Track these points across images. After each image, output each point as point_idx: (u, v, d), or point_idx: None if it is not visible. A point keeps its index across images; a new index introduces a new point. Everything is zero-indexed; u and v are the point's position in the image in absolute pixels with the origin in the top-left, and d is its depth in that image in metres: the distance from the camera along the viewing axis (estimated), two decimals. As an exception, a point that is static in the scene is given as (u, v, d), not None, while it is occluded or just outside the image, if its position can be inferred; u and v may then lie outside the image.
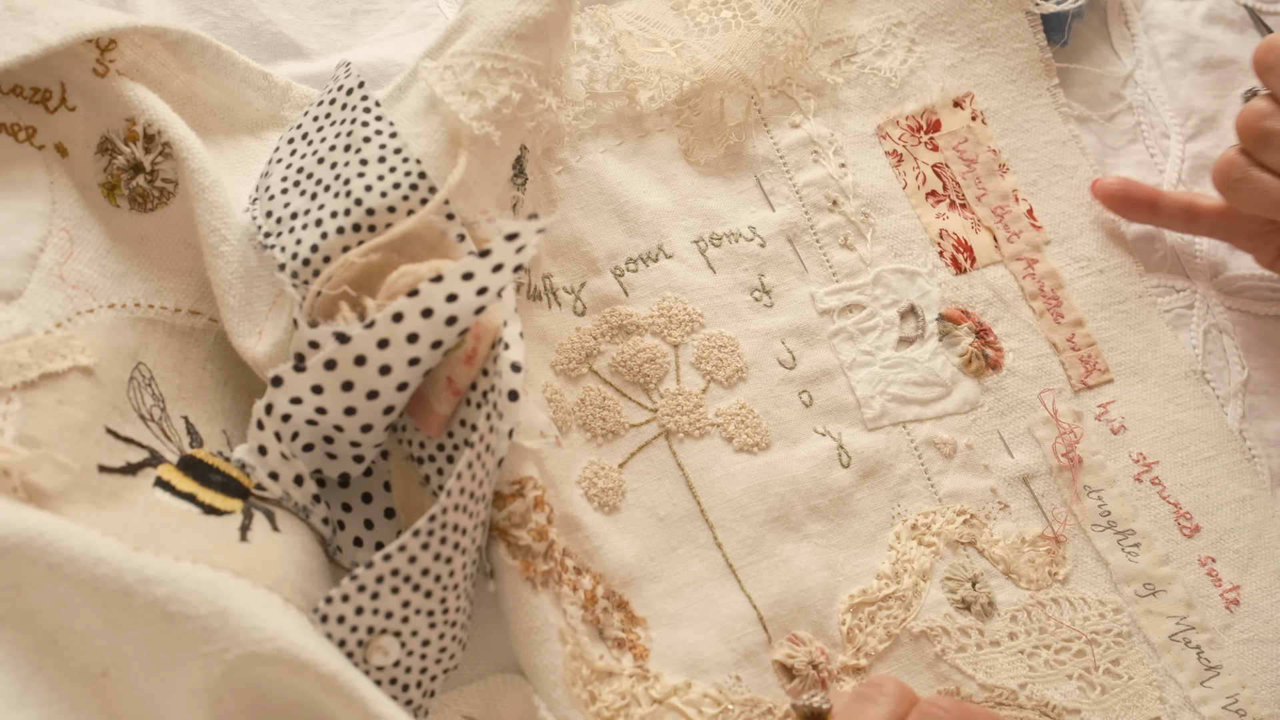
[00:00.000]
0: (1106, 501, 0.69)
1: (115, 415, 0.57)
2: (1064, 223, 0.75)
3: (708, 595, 0.64)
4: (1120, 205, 0.75)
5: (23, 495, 0.51)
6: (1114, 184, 0.75)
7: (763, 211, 0.73)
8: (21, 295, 0.57)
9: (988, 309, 0.73)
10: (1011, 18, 0.78)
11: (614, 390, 0.68)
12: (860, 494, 0.68)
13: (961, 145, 0.76)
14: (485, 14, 0.62)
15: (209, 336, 0.64)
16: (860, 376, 0.70)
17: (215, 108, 0.68)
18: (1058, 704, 0.64)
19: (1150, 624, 0.67)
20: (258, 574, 0.52)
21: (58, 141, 0.63)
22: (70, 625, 0.49)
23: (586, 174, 0.72)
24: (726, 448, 0.67)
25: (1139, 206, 0.74)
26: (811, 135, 0.75)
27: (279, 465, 0.58)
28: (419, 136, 0.60)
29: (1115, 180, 0.75)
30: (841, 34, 0.78)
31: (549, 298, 0.69)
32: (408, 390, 0.57)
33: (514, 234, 0.54)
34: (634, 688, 0.60)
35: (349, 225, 0.58)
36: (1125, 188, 0.74)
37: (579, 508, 0.64)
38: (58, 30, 0.60)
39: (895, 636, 0.65)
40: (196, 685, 0.49)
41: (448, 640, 0.56)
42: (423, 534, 0.53)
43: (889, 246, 0.73)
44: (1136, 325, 0.73)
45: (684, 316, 0.70)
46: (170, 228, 0.64)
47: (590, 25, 0.74)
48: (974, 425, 0.70)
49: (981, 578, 0.67)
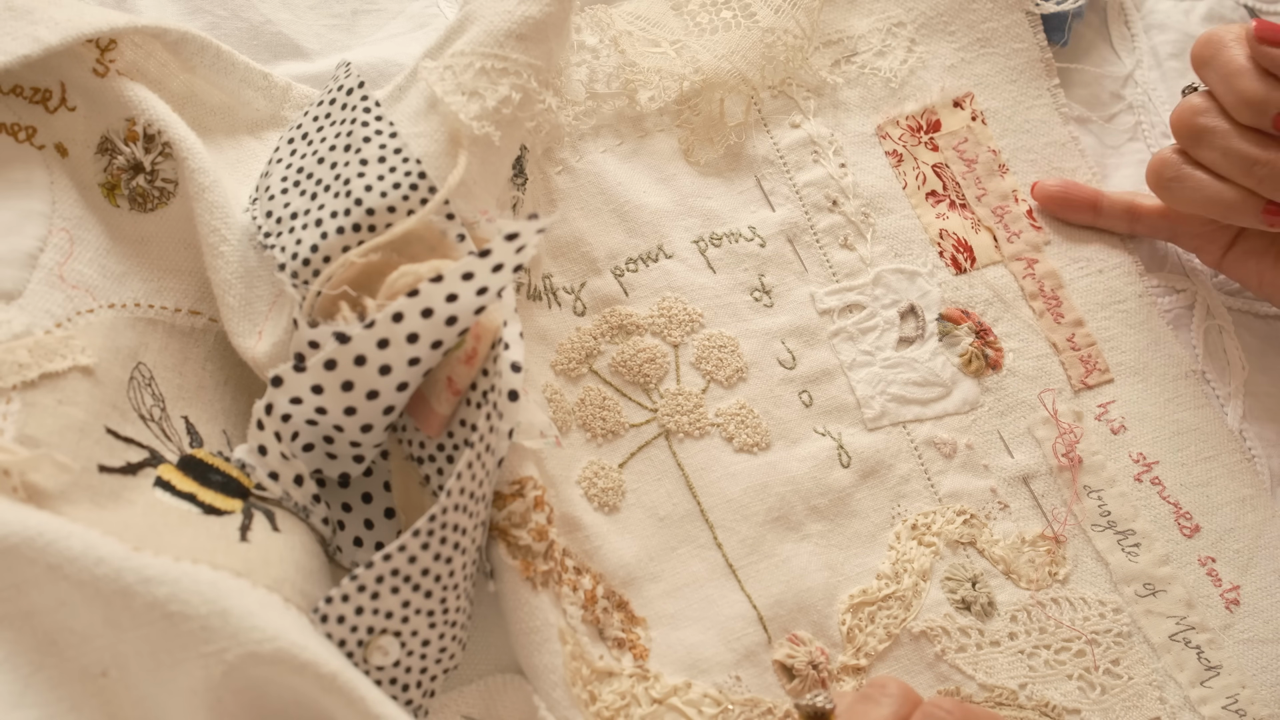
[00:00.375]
0: (1106, 501, 0.69)
1: (115, 415, 0.57)
2: (1064, 223, 0.75)
3: (708, 595, 0.64)
4: (1061, 207, 0.74)
5: (23, 495, 0.51)
6: (1054, 186, 0.74)
7: (763, 211, 0.73)
8: (21, 295, 0.57)
9: (988, 309, 0.73)
10: (1012, 18, 0.78)
11: (614, 390, 0.68)
12: (860, 494, 0.68)
13: (961, 145, 0.76)
14: (485, 14, 0.62)
15: (209, 336, 0.64)
16: (860, 376, 0.70)
17: (215, 108, 0.68)
18: (1058, 704, 0.64)
19: (1150, 624, 0.67)
20: (258, 574, 0.52)
21: (58, 141, 0.63)
22: (70, 625, 0.49)
23: (586, 174, 0.72)
24: (726, 448, 0.67)
25: (1080, 207, 0.74)
26: (811, 135, 0.75)
27: (279, 465, 0.58)
28: (419, 136, 0.60)
29: (1055, 182, 0.75)
30: (841, 34, 0.78)
31: (549, 298, 0.69)
32: (408, 390, 0.57)
33: (514, 234, 0.54)
34: (634, 688, 0.60)
35: (349, 225, 0.58)
36: (1065, 189, 0.74)
37: (579, 508, 0.64)
38: (58, 30, 0.60)
39: (895, 636, 0.65)
40: (196, 685, 0.49)
41: (448, 640, 0.56)
42: (423, 534, 0.53)
43: (889, 246, 0.73)
44: (1136, 325, 0.73)
45: (684, 316, 0.70)
46: (170, 228, 0.64)
47: (590, 25, 0.74)
48: (974, 425, 0.70)
49: (981, 578, 0.67)
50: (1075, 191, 0.74)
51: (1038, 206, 0.75)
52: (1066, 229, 0.75)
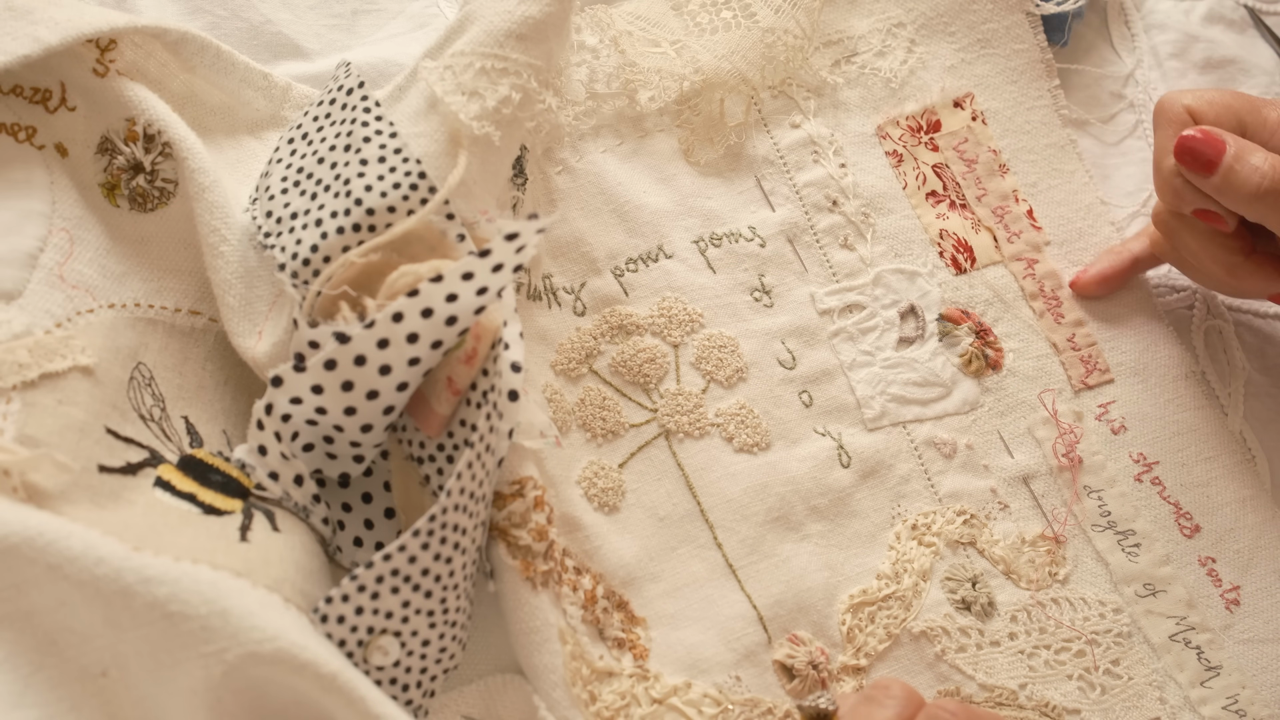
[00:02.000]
0: (1107, 501, 0.69)
1: (115, 415, 0.57)
2: (1064, 224, 0.75)
3: (708, 595, 0.64)
4: (1107, 287, 0.73)
5: (23, 495, 0.51)
6: (1091, 277, 0.73)
7: (763, 211, 0.73)
8: (21, 295, 0.57)
9: (988, 309, 0.73)
10: (1012, 19, 0.78)
11: (614, 390, 0.68)
12: (860, 494, 0.68)
13: (962, 145, 0.76)
14: (485, 14, 0.62)
15: (209, 336, 0.64)
16: (860, 377, 0.70)
17: (215, 108, 0.68)
18: (1058, 704, 0.64)
19: (1150, 624, 0.67)
20: (258, 574, 0.52)
21: (58, 141, 0.63)
22: (70, 625, 0.49)
23: (586, 174, 0.72)
24: (726, 448, 0.67)
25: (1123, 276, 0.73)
26: (811, 135, 0.75)
27: (279, 465, 0.58)
28: (419, 136, 0.60)
29: (1091, 274, 0.73)
30: (841, 34, 0.78)
31: (549, 298, 0.69)
32: (408, 390, 0.57)
33: (514, 234, 0.54)
34: (634, 688, 0.60)
35: (349, 225, 0.58)
36: (1103, 274, 0.73)
37: (579, 508, 0.64)
38: (58, 30, 0.60)
39: (895, 636, 0.65)
40: (196, 685, 0.49)
41: (448, 640, 0.56)
42: (423, 534, 0.53)
43: (889, 246, 0.73)
44: (1137, 325, 0.73)
45: (684, 316, 0.70)
46: (170, 228, 0.64)
47: (590, 25, 0.74)
48: (974, 425, 0.70)
49: (981, 578, 0.67)
50: (1112, 269, 0.73)
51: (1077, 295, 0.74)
52: (1066, 230, 0.75)
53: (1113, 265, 0.73)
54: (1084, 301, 0.74)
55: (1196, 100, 0.66)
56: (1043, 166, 0.76)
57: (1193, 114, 0.66)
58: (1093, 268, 0.73)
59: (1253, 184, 0.63)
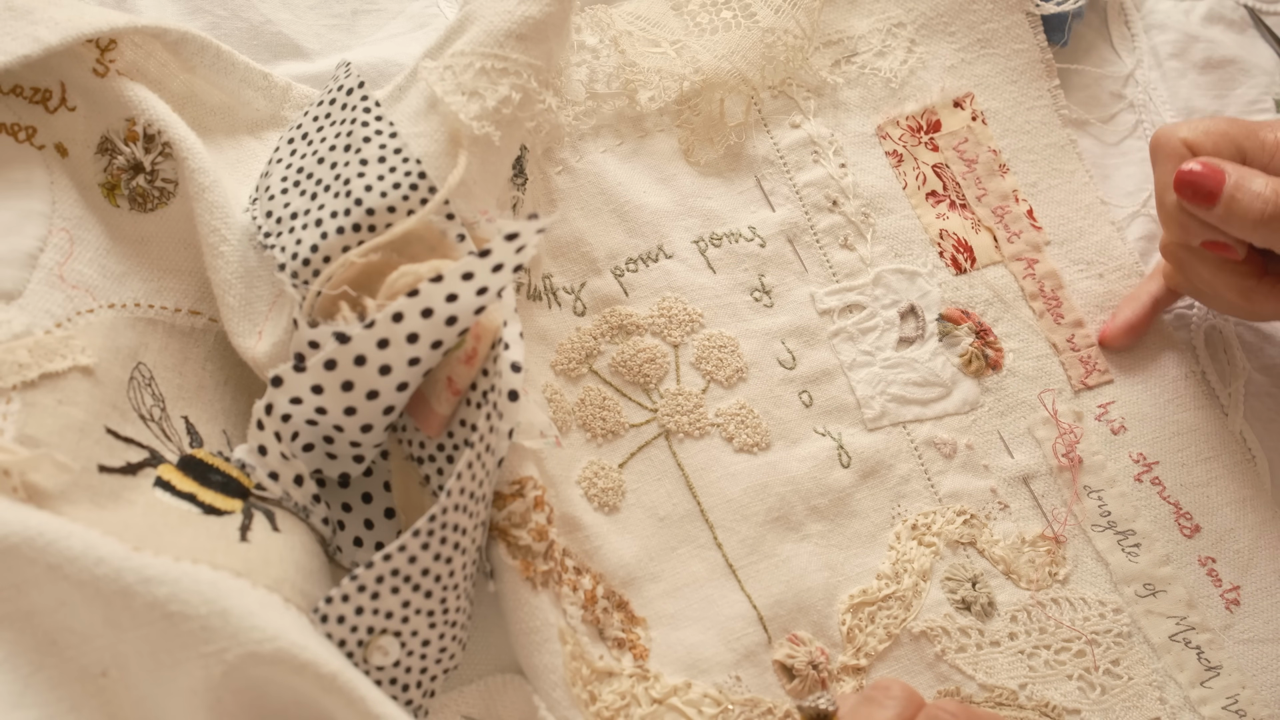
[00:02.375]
0: (1107, 502, 0.69)
1: (115, 415, 0.57)
2: (1064, 224, 0.75)
3: (708, 595, 0.64)
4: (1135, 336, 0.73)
5: (23, 495, 0.51)
6: (1118, 329, 0.72)
7: (763, 211, 0.73)
8: (21, 295, 0.57)
9: (988, 309, 0.73)
10: (1012, 19, 0.78)
11: (614, 390, 0.68)
12: (860, 494, 0.68)
13: (962, 145, 0.76)
14: (485, 14, 0.62)
15: (209, 336, 0.64)
16: (860, 377, 0.70)
17: (215, 108, 0.68)
18: (1058, 704, 0.64)
19: (1150, 624, 0.67)
20: (258, 574, 0.52)
21: (58, 141, 0.63)
22: (70, 625, 0.49)
23: (586, 174, 0.72)
24: (726, 448, 0.67)
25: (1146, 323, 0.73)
26: (811, 135, 0.75)
27: (279, 465, 0.58)
28: (419, 136, 0.60)
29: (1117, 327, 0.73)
30: (841, 34, 0.78)
31: (549, 298, 0.69)
32: (408, 390, 0.57)
33: (514, 234, 0.54)
34: (634, 688, 0.60)
35: (349, 225, 0.58)
36: (1129, 324, 0.72)
37: (579, 508, 0.64)
38: (58, 30, 0.60)
39: (895, 637, 0.65)
40: (196, 685, 0.49)
41: (448, 640, 0.56)
42: (423, 534, 0.53)
43: (889, 246, 0.73)
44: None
45: (684, 316, 0.70)
46: (170, 228, 0.64)
47: (590, 25, 0.74)
48: (974, 425, 0.70)
49: (981, 578, 0.67)
50: (1137, 317, 0.72)
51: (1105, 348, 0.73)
52: (1066, 230, 0.75)
53: (1136, 313, 0.72)
54: (1082, 302, 0.73)
55: (1192, 132, 0.66)
56: (1043, 166, 0.76)
57: (1190, 146, 0.66)
58: (1117, 319, 0.73)
59: (1255, 210, 0.63)
